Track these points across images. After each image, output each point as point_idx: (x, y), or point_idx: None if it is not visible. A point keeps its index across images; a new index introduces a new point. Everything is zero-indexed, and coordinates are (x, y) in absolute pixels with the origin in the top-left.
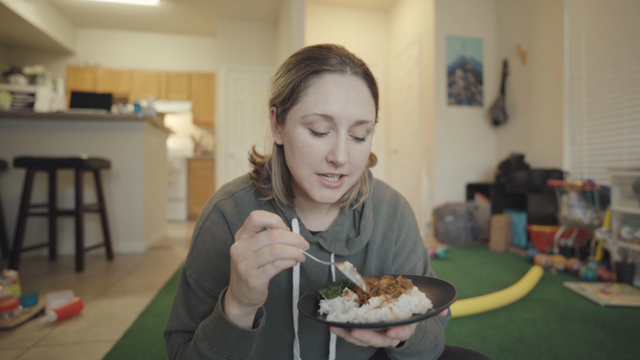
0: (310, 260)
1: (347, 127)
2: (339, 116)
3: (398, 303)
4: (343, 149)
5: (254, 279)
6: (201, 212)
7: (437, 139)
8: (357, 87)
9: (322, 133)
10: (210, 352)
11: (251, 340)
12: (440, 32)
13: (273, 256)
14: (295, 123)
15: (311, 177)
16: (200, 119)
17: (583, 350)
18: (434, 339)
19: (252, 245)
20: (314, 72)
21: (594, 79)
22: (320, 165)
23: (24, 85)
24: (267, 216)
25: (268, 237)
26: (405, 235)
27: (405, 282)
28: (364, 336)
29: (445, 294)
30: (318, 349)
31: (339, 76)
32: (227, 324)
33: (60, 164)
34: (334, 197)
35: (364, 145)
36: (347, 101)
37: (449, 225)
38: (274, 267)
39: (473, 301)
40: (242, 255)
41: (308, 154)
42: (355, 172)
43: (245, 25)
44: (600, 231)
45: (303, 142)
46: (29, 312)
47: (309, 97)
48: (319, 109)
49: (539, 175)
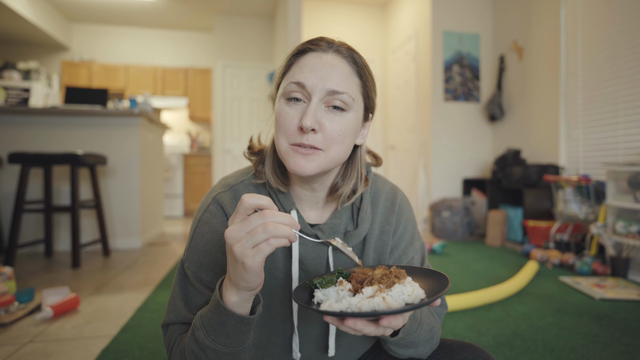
0: (308, 253)
1: (320, 96)
2: (312, 85)
3: (391, 293)
4: (310, 114)
5: (250, 259)
6: (200, 205)
7: (434, 134)
8: (335, 61)
9: (297, 100)
10: (208, 339)
11: (248, 327)
12: (437, 28)
13: (267, 234)
14: (280, 98)
15: (287, 148)
16: (196, 114)
17: (578, 343)
18: (429, 331)
19: (246, 227)
20: (300, 52)
21: (590, 75)
22: (293, 134)
23: (18, 80)
24: (257, 198)
25: (260, 217)
26: (402, 229)
27: (399, 272)
28: (356, 325)
29: (439, 284)
30: (316, 342)
31: (321, 53)
32: (224, 311)
33: (56, 160)
34: (308, 168)
35: (342, 118)
36: (322, 72)
37: (445, 221)
38: (268, 245)
39: (469, 295)
40: (236, 237)
41: (282, 122)
42: (331, 145)
43: (242, 20)
44: (596, 226)
45: (280, 111)
46: (25, 308)
47: (291, 72)
48: (295, 77)
49: (535, 171)
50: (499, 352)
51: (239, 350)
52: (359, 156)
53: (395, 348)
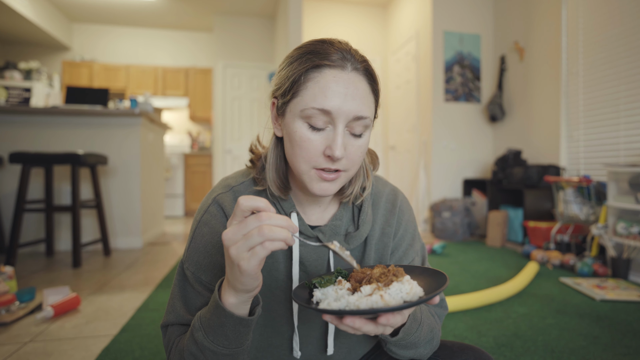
0: (308, 254)
1: (345, 122)
2: (337, 111)
3: (389, 291)
4: (340, 144)
5: (245, 262)
6: (200, 206)
7: (435, 135)
8: (356, 83)
9: (320, 128)
10: (207, 340)
11: (247, 328)
12: (438, 28)
13: (262, 237)
14: (294, 116)
15: (310, 171)
16: (197, 114)
17: (578, 344)
18: (429, 332)
19: (242, 229)
20: (315, 67)
21: (591, 75)
22: (317, 159)
23: (19, 80)
24: (254, 200)
25: (256, 220)
26: (403, 230)
27: (397, 270)
28: (355, 323)
29: (437, 282)
30: (316, 342)
31: (339, 72)
32: (223, 312)
33: (56, 160)
34: (332, 190)
35: (362, 141)
36: (345, 97)
37: (446, 221)
38: (263, 249)
39: (470, 296)
40: (233, 240)
41: (306, 149)
42: (352, 167)
43: (242, 20)
44: (596, 227)
45: (301, 136)
46: (25, 307)
47: (308, 92)
48: (318, 103)
49: (535, 171)
50: (500, 353)
51: (237, 352)
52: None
53: (395, 349)
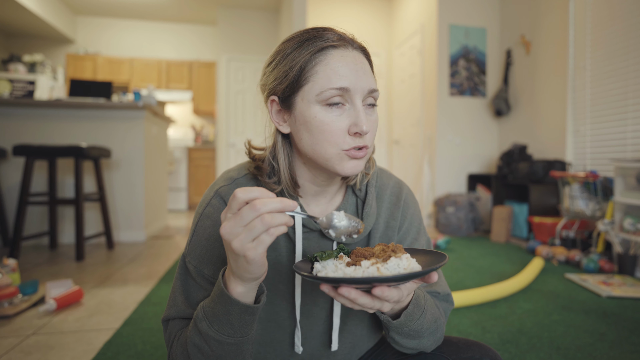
0: (312, 248)
1: (362, 97)
2: (354, 87)
3: (387, 265)
4: (364, 118)
5: (252, 252)
6: (202, 198)
7: (439, 129)
8: (360, 59)
9: (339, 106)
10: (212, 330)
11: (253, 317)
12: (443, 21)
13: (265, 225)
14: (310, 103)
15: (339, 153)
16: (201, 108)
17: (584, 341)
18: (433, 322)
19: (240, 221)
20: (319, 50)
21: (599, 69)
22: (345, 139)
23: (23, 73)
24: (250, 191)
25: (252, 210)
26: (408, 224)
27: (396, 247)
28: (350, 293)
29: (436, 260)
30: (319, 337)
31: (344, 50)
32: (229, 300)
33: (60, 153)
34: (361, 166)
35: (375, 115)
36: (357, 72)
37: (450, 216)
38: (269, 235)
39: (474, 292)
40: (234, 233)
41: (330, 131)
42: (373, 139)
43: (246, 13)
44: (603, 222)
45: (322, 119)
46: (28, 300)
47: (320, 74)
48: (334, 82)
49: (541, 167)
50: (504, 349)
51: (242, 341)
52: None
53: (398, 337)
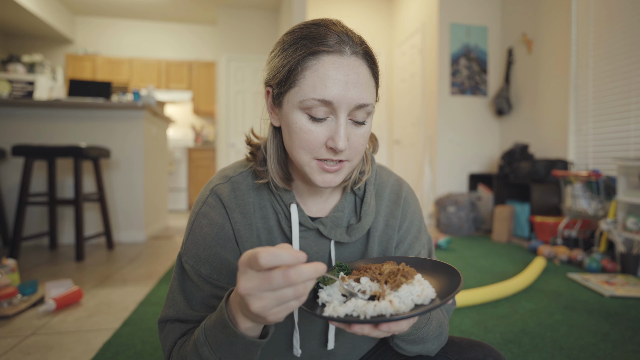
0: (309, 247)
1: (347, 111)
2: (339, 101)
3: (399, 294)
4: (343, 135)
5: (274, 316)
6: (198, 197)
7: (440, 129)
8: (356, 68)
9: (321, 118)
10: (214, 357)
11: (258, 348)
12: (444, 20)
13: (297, 295)
14: (293, 107)
15: (311, 162)
16: (200, 108)
17: (588, 341)
18: (438, 327)
19: (267, 286)
20: (311, 54)
21: (602, 67)
22: (319, 151)
23: (23, 73)
24: (276, 256)
25: (284, 279)
26: (409, 223)
27: (407, 271)
28: (363, 330)
29: (450, 281)
30: (318, 338)
31: (338, 57)
32: (234, 333)
33: (59, 153)
34: (335, 181)
35: (364, 129)
36: (346, 85)
37: (451, 216)
38: (299, 302)
39: (476, 291)
40: (257, 297)
41: (307, 140)
42: (356, 156)
43: (246, 13)
44: (606, 222)
45: (301, 127)
46: (27, 300)
47: (307, 81)
48: (317, 93)
49: (543, 166)
50: (507, 349)
51: None
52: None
53: (402, 344)
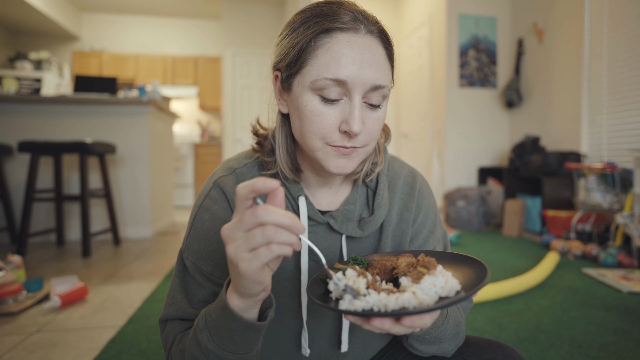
0: (319, 242)
1: (362, 93)
2: (353, 80)
3: (421, 286)
4: (358, 118)
5: (245, 263)
6: (200, 190)
7: (448, 121)
8: (372, 47)
9: (334, 100)
10: (212, 344)
11: (257, 334)
12: (453, 11)
13: (265, 238)
14: (304, 89)
15: (324, 147)
16: (206, 104)
17: (607, 339)
18: (455, 326)
19: (240, 225)
20: (324, 31)
21: (616, 57)
22: (332, 136)
23: (30, 70)
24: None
25: (252, 215)
26: (423, 216)
27: (428, 261)
28: (384, 325)
29: (473, 273)
30: (328, 338)
31: (352, 35)
32: (231, 315)
33: (65, 149)
34: (350, 167)
35: (380, 113)
36: (361, 64)
37: (460, 210)
38: (270, 251)
39: (488, 287)
40: (231, 237)
41: (319, 123)
42: (370, 142)
43: (251, 7)
44: (622, 215)
45: (313, 110)
46: (33, 297)
47: (319, 60)
48: (331, 72)
49: (555, 159)
50: (522, 347)
51: (245, 358)
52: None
53: (417, 344)
